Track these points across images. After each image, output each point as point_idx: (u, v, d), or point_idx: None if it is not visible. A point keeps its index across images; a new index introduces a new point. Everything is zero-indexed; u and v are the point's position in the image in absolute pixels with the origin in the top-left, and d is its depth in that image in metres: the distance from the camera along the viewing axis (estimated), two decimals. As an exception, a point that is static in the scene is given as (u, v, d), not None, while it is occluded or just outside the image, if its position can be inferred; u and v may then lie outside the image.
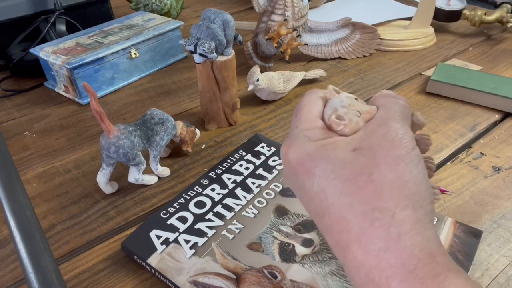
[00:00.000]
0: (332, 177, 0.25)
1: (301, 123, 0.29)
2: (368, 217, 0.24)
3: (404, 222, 0.23)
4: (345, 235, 0.25)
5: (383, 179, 0.24)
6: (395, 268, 0.22)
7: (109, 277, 0.43)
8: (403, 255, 0.23)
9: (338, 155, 0.26)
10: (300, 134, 0.28)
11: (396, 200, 0.24)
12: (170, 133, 0.53)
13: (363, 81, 0.76)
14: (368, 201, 0.24)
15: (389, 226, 0.23)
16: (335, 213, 0.25)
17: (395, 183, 0.24)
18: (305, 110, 0.29)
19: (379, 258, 0.23)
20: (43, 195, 0.53)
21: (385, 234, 0.23)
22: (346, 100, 0.29)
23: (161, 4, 0.95)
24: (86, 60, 0.69)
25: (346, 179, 0.25)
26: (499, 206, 0.49)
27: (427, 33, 0.88)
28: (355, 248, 0.24)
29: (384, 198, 0.24)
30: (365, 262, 0.24)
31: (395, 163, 0.25)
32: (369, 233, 0.24)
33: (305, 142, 0.27)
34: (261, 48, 0.76)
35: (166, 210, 0.47)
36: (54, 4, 0.80)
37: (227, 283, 0.39)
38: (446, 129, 0.63)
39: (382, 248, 0.23)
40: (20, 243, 0.30)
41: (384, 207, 0.24)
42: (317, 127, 0.28)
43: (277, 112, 0.68)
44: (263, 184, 0.50)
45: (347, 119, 0.28)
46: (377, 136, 0.26)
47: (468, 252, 0.41)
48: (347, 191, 0.25)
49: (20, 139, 0.64)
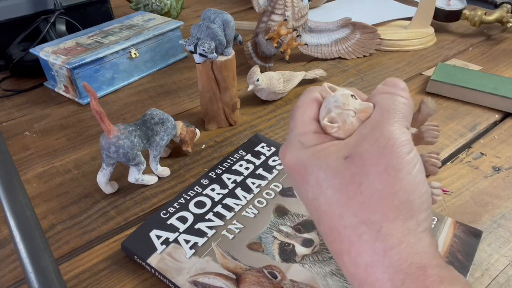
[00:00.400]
0: (324, 186, 0.25)
1: (295, 126, 0.28)
2: (356, 230, 0.24)
3: (391, 236, 0.23)
4: (338, 245, 0.25)
5: (371, 190, 0.24)
6: (382, 283, 0.23)
7: (109, 277, 0.43)
8: (390, 271, 0.22)
9: (330, 163, 0.25)
10: (295, 139, 0.28)
11: (385, 212, 0.23)
12: (170, 133, 0.53)
13: (363, 81, 0.76)
14: (357, 213, 0.24)
15: (375, 241, 0.23)
16: (328, 222, 0.25)
17: (384, 194, 0.24)
18: (300, 113, 0.29)
19: (367, 272, 0.23)
20: (43, 195, 0.53)
21: (371, 249, 0.23)
22: (340, 98, 0.27)
23: (161, 4, 0.95)
24: (86, 60, 0.69)
25: (337, 189, 0.25)
26: (499, 206, 0.49)
27: (427, 33, 0.88)
28: (346, 259, 0.25)
29: (372, 210, 0.24)
30: (355, 274, 0.24)
31: (385, 172, 0.24)
32: (357, 246, 0.24)
33: (299, 149, 0.27)
34: (261, 48, 0.76)
35: (166, 210, 0.47)
36: (54, 4, 0.80)
37: (227, 283, 0.39)
38: (446, 129, 0.63)
39: (369, 263, 0.23)
40: (20, 243, 0.30)
41: (371, 220, 0.24)
42: (311, 131, 0.28)
43: (277, 112, 0.68)
44: (263, 184, 0.50)
45: (340, 121, 0.27)
46: (369, 142, 0.25)
47: (468, 252, 0.41)
48: (338, 201, 0.25)
49: (20, 139, 0.64)
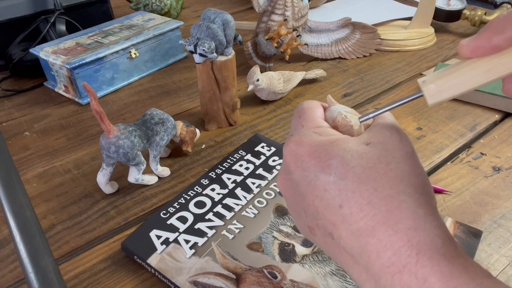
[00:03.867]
0: (352, 165, 0.26)
1: (307, 122, 0.30)
2: (395, 200, 0.25)
3: (426, 205, 0.25)
4: (369, 220, 0.25)
5: (400, 169, 0.26)
6: (423, 244, 0.23)
7: (109, 277, 0.43)
8: (431, 234, 0.24)
9: (353, 147, 0.27)
10: (309, 131, 0.29)
11: (415, 188, 0.25)
12: (170, 133, 0.53)
13: (363, 81, 0.76)
14: (392, 186, 0.25)
15: (416, 208, 0.25)
16: (357, 199, 0.25)
17: (411, 174, 0.26)
18: (310, 112, 0.31)
19: (408, 236, 0.24)
20: (43, 195, 0.53)
21: (412, 214, 0.24)
22: (346, 108, 0.31)
23: (161, 4, 0.95)
24: (86, 60, 0.69)
25: (366, 166, 0.26)
26: (499, 206, 0.49)
27: (427, 33, 0.88)
28: (382, 230, 0.24)
29: (406, 184, 0.25)
30: (393, 242, 0.24)
31: (407, 157, 0.27)
32: (397, 213, 0.24)
33: (317, 137, 0.28)
34: (261, 48, 0.76)
35: (166, 210, 0.47)
36: (54, 4, 0.80)
37: (227, 283, 0.39)
38: (446, 129, 0.63)
39: (411, 226, 0.24)
40: (20, 243, 0.30)
41: (407, 191, 0.25)
42: (324, 126, 0.30)
43: (277, 112, 0.68)
44: (263, 184, 0.50)
45: (353, 121, 0.30)
46: (385, 135, 0.28)
47: (468, 252, 0.41)
48: (369, 177, 0.26)
49: (20, 139, 0.64)
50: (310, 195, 0.28)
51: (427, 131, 0.62)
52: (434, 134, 0.62)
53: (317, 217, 0.28)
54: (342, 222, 0.26)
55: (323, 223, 0.28)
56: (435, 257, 0.23)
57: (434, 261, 0.23)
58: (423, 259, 0.23)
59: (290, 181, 0.29)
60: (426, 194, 0.26)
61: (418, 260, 0.23)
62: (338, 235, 0.26)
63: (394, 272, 0.23)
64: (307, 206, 0.28)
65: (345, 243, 0.26)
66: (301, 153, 0.28)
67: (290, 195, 0.30)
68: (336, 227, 0.26)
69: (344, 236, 0.26)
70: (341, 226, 0.26)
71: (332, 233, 0.27)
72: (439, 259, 0.23)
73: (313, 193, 0.27)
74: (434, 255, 0.23)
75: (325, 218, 0.27)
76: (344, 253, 0.27)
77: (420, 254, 0.23)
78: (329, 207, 0.27)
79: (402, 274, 0.23)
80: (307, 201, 0.28)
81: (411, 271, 0.23)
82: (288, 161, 0.29)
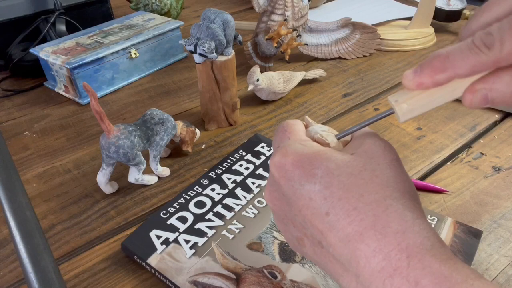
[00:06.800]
0: (336, 174, 0.26)
1: (293, 135, 0.31)
2: (381, 204, 0.25)
3: (413, 209, 0.25)
4: (356, 225, 0.25)
5: (386, 175, 0.26)
6: (413, 247, 0.23)
7: (109, 277, 0.43)
8: (420, 236, 0.24)
9: (338, 156, 0.28)
10: (295, 143, 0.30)
11: (402, 192, 0.26)
12: (170, 133, 0.53)
13: (363, 81, 0.76)
14: (378, 191, 0.25)
15: (403, 211, 0.25)
16: (343, 205, 0.25)
17: (397, 180, 0.26)
18: (294, 127, 0.32)
19: (397, 239, 0.24)
20: (43, 195, 0.53)
21: (400, 218, 0.24)
22: (324, 127, 0.33)
23: (161, 4, 0.95)
24: (86, 60, 0.69)
25: (351, 174, 0.26)
26: (499, 206, 0.49)
27: (427, 33, 0.88)
28: (370, 235, 0.24)
29: (392, 189, 0.26)
30: (382, 247, 0.24)
31: (392, 164, 0.27)
32: (384, 217, 0.24)
33: (302, 148, 0.29)
34: (261, 48, 0.76)
35: (166, 210, 0.47)
36: (54, 4, 0.80)
37: (227, 283, 0.39)
38: (446, 129, 0.63)
39: (399, 230, 0.24)
40: (20, 243, 0.30)
41: (394, 196, 0.25)
42: (308, 139, 0.31)
43: (277, 112, 0.68)
44: (263, 184, 0.50)
45: (329, 139, 0.31)
46: (369, 144, 0.28)
47: (468, 252, 0.41)
48: (355, 184, 0.26)
49: (20, 139, 0.64)
50: (297, 205, 0.28)
51: (427, 131, 0.62)
52: (434, 134, 0.62)
53: (305, 226, 0.28)
54: (329, 230, 0.26)
55: (311, 232, 0.28)
56: (425, 259, 0.23)
57: (425, 263, 0.22)
58: (413, 261, 0.23)
59: (276, 192, 0.30)
60: (412, 199, 0.26)
61: (409, 263, 0.23)
62: (327, 243, 0.26)
63: (385, 277, 0.23)
64: (294, 216, 0.28)
65: (334, 251, 0.26)
66: (285, 163, 0.28)
67: (277, 206, 0.30)
68: (324, 235, 0.26)
69: (333, 243, 0.26)
70: (329, 233, 0.26)
71: (321, 242, 0.27)
72: (429, 261, 0.22)
73: (299, 202, 0.27)
74: (425, 257, 0.23)
75: (313, 226, 0.27)
76: (333, 261, 0.27)
77: (411, 257, 0.23)
78: (316, 215, 0.27)
79: (393, 278, 0.23)
80: (294, 211, 0.28)
81: (402, 274, 0.22)
82: (273, 172, 0.29)
